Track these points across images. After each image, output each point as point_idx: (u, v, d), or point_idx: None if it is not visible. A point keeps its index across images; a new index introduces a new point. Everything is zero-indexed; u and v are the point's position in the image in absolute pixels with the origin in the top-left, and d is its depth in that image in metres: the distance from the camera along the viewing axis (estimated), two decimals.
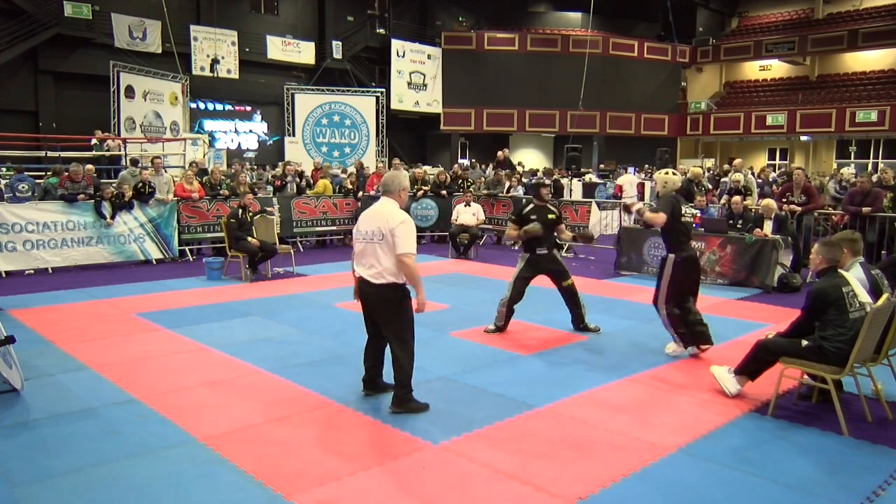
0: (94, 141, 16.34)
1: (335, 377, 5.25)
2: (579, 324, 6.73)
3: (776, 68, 32.72)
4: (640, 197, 15.68)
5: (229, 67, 24.00)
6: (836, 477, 3.71)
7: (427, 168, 17.41)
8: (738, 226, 9.43)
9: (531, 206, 6.69)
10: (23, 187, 10.60)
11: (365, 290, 4.45)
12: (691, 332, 5.87)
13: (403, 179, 4.59)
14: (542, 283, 9.56)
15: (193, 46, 23.06)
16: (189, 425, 4.26)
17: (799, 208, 10.00)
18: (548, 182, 7.53)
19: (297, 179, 13.87)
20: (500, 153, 17.51)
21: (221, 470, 3.70)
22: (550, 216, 6.62)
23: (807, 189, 10.30)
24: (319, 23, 27.14)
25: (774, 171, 22.92)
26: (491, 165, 19.09)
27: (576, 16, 30.82)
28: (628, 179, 16.64)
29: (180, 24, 22.51)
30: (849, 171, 17.51)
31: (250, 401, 4.74)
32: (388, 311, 4.44)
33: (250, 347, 6.05)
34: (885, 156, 27.82)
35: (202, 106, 24.33)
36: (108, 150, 16.12)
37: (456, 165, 18.02)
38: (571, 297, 6.68)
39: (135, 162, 14.33)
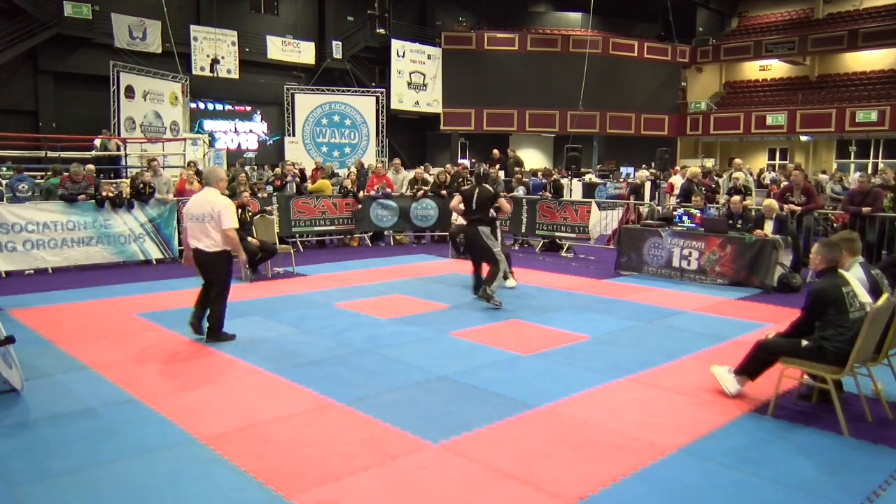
0: (97, 142, 16.22)
1: (335, 377, 5.26)
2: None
3: (776, 68, 32.72)
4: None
5: (229, 67, 23.99)
6: (836, 477, 3.71)
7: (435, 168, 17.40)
8: (738, 226, 9.43)
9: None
10: (23, 187, 10.61)
11: (199, 258, 6.04)
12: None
13: (220, 172, 6.43)
14: (540, 282, 9.58)
15: (193, 46, 23.05)
16: (189, 425, 4.26)
17: (799, 208, 10.01)
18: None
19: (297, 179, 13.90)
20: (494, 152, 17.71)
21: (221, 470, 3.70)
22: None
23: (807, 189, 10.31)
24: (319, 23, 27.14)
25: (773, 171, 22.94)
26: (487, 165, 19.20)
27: (576, 16, 30.83)
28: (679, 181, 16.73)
29: (180, 24, 22.49)
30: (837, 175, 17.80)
31: (250, 401, 4.74)
32: (217, 271, 6.07)
33: (250, 347, 6.05)
34: (885, 156, 27.82)
35: (202, 106, 24.32)
36: (106, 151, 16.05)
37: (455, 165, 18.01)
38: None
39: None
